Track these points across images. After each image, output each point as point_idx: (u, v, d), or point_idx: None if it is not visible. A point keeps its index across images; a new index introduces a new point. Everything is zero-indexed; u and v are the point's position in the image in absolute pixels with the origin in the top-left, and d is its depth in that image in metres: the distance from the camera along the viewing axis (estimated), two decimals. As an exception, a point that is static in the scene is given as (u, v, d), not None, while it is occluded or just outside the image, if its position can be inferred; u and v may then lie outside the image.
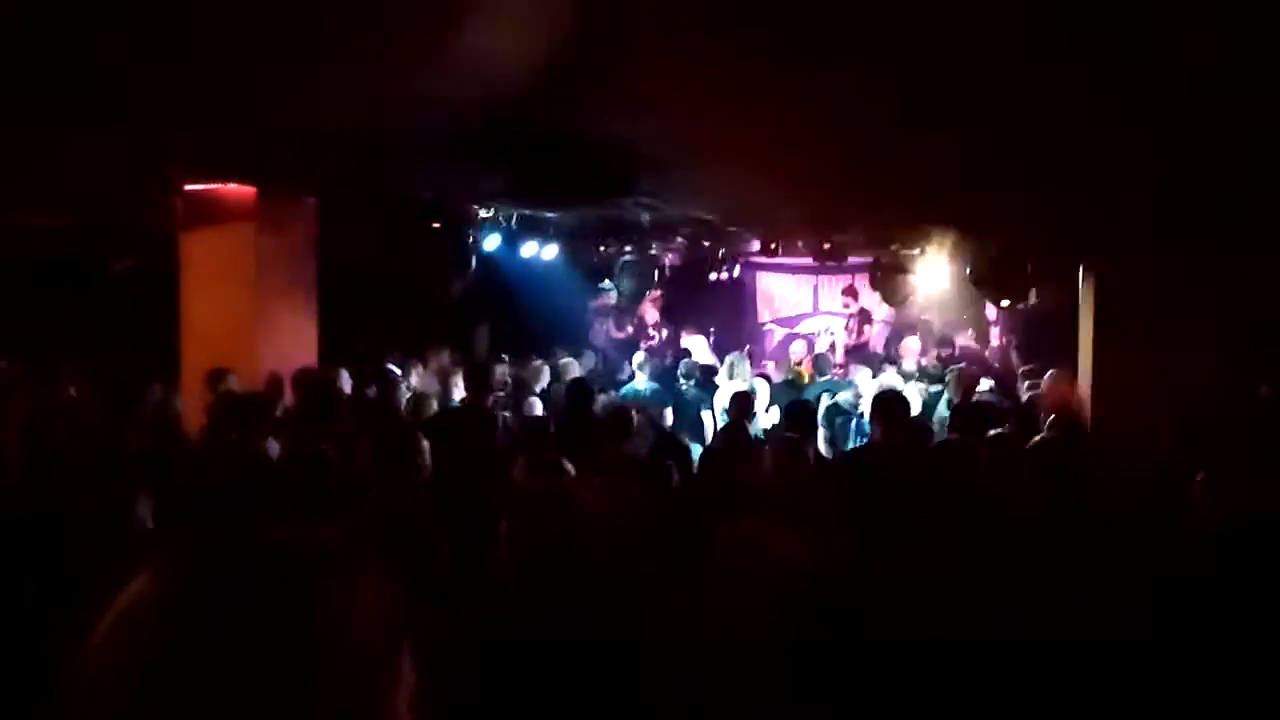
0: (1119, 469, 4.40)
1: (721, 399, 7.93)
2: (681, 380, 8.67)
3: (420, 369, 8.35)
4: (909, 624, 2.55)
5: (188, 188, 7.16)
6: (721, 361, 9.31)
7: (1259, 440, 5.29)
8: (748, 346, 11.25)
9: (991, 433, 4.97)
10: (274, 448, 5.16)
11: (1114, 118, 4.78)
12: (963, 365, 8.93)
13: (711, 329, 12.24)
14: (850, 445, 7.00)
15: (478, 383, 6.11)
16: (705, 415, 8.02)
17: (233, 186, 7.10)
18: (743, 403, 6.43)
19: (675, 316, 12.65)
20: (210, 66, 4.15)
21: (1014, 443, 4.95)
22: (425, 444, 4.01)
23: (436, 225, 7.86)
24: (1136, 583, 2.74)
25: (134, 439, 5.61)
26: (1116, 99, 4.45)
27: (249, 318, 7.15)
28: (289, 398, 6.64)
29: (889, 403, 5.20)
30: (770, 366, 10.40)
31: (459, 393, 7.38)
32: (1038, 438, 5.29)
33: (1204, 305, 6.14)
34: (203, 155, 6.27)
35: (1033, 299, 9.53)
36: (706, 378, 8.78)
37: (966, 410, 6.05)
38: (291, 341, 7.35)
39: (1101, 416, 6.01)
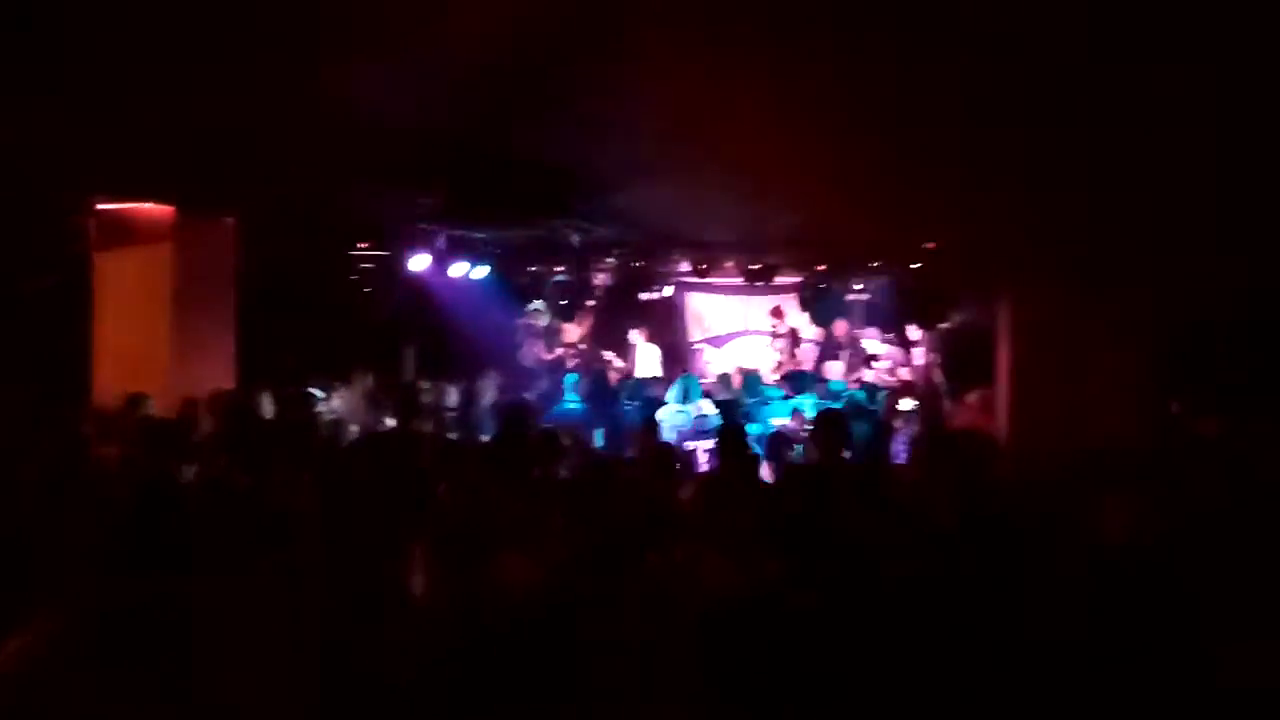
0: (1032, 489, 4.50)
1: (667, 418, 7.92)
2: (625, 400, 8.63)
3: (344, 392, 8.19)
4: (834, 650, 2.56)
5: (101, 207, 6.94)
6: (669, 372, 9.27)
7: (1171, 456, 5.47)
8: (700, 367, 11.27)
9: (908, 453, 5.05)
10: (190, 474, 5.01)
11: (1034, 147, 4.93)
12: (890, 386, 9.08)
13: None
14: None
15: (405, 406, 6.01)
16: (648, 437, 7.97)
17: (149, 206, 6.91)
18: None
19: (606, 337, 12.64)
20: (124, 81, 4.03)
21: (929, 462, 5.03)
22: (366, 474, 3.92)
23: (363, 245, 7.77)
24: (1046, 603, 2.79)
25: (40, 465, 5.39)
26: (1036, 129, 4.59)
27: (165, 340, 6.95)
28: (207, 423, 6.44)
29: (830, 423, 5.24)
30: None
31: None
32: (951, 459, 5.39)
33: (1117, 325, 6.34)
34: (117, 174, 6.09)
35: (956, 319, 9.78)
36: (649, 398, 8.76)
37: (882, 431, 6.15)
38: (209, 365, 7.16)
39: (1017, 436, 6.15)
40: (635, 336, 11.87)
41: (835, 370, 10.86)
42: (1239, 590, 2.87)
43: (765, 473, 6.88)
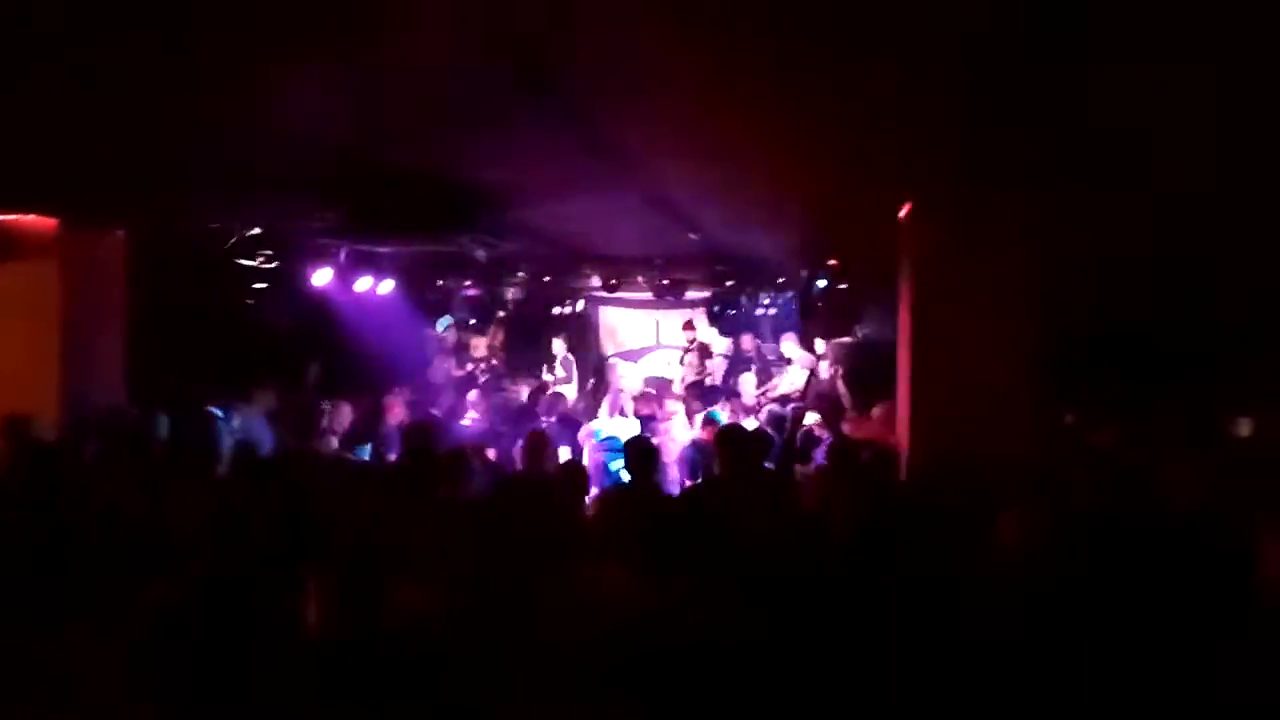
0: (930, 500, 4.62)
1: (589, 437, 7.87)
2: (542, 418, 8.52)
3: (245, 410, 7.92)
4: (740, 664, 2.58)
5: (-19, 218, 6.63)
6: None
7: (1066, 467, 5.68)
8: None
9: (810, 468, 5.15)
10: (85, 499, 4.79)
11: (932, 153, 5.06)
12: (795, 402, 9.23)
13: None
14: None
15: (302, 426, 5.86)
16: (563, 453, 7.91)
17: (32, 218, 6.61)
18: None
19: (518, 352, 12.56)
20: (3, 87, 3.86)
21: (830, 477, 5.15)
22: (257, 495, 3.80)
23: (262, 258, 7.56)
24: (944, 611, 2.87)
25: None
26: (935, 136, 4.71)
27: (51, 358, 6.64)
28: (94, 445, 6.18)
29: (730, 437, 5.31)
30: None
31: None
32: (851, 471, 5.52)
33: (1013, 338, 6.54)
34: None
35: (860, 333, 10.01)
36: (565, 416, 8.70)
37: (791, 446, 6.25)
38: (99, 384, 6.87)
39: (916, 448, 6.30)
40: (559, 347, 11.83)
41: (748, 383, 10.98)
42: (1125, 601, 2.99)
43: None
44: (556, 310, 12.19)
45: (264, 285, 7.46)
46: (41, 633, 2.66)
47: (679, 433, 7.93)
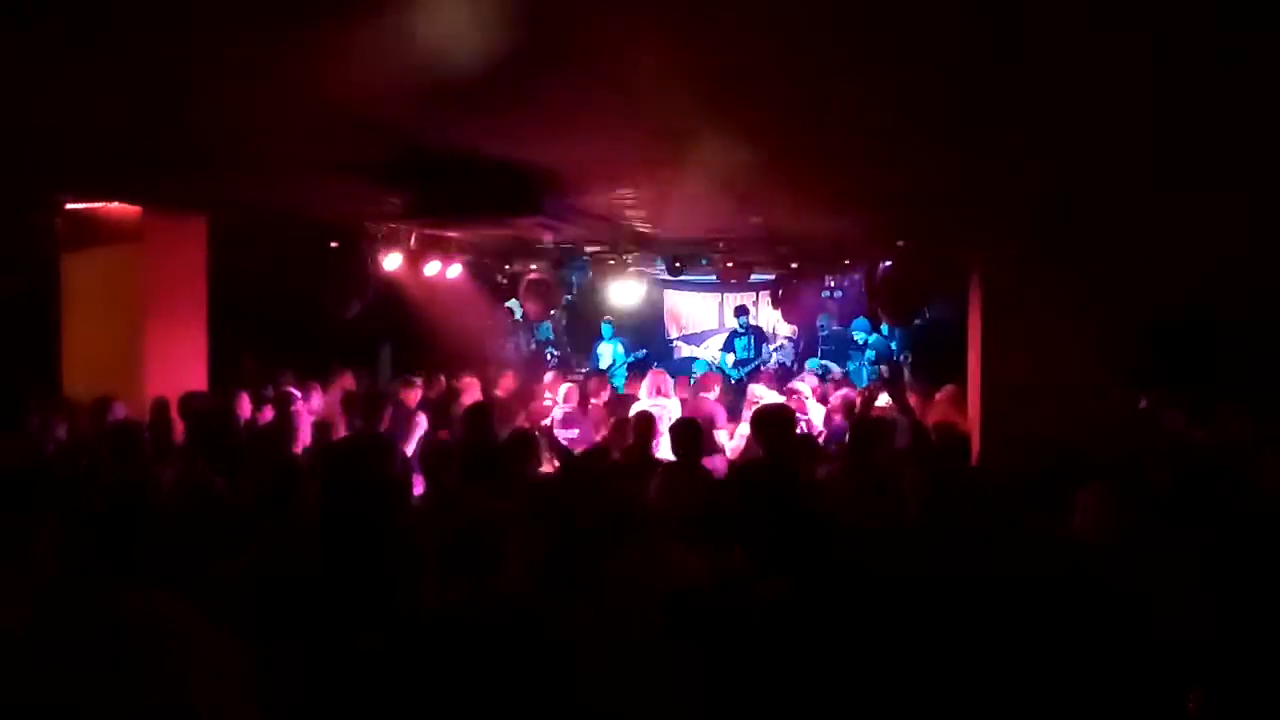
0: (1004, 483, 4.54)
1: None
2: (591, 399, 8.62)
3: (321, 392, 8.13)
4: (802, 640, 2.57)
5: (69, 207, 6.86)
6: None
7: (1141, 450, 5.53)
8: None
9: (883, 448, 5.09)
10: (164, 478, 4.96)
11: (1005, 146, 4.98)
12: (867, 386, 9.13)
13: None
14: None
15: (371, 409, 5.98)
16: None
17: (117, 205, 6.83)
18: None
19: (579, 334, 12.67)
20: (92, 79, 3.99)
21: (906, 458, 5.08)
22: (314, 477, 3.89)
23: (334, 244, 7.72)
24: (1013, 596, 2.82)
25: (9, 471, 5.32)
26: (1008, 129, 4.63)
27: (134, 342, 6.88)
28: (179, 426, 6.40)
29: (768, 417, 5.26)
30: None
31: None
32: (925, 453, 5.44)
33: (1090, 320, 6.41)
34: (84, 173, 6.02)
35: (928, 316, 9.85)
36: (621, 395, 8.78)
37: (863, 425, 6.17)
38: (180, 366, 7.09)
39: (987, 431, 6.21)
40: (605, 328, 11.93)
41: (811, 369, 10.93)
42: (1200, 586, 2.92)
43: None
44: (618, 293, 12.25)
45: (337, 270, 7.60)
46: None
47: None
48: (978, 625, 2.77)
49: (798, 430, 6.03)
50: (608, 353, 11.96)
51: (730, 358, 11.93)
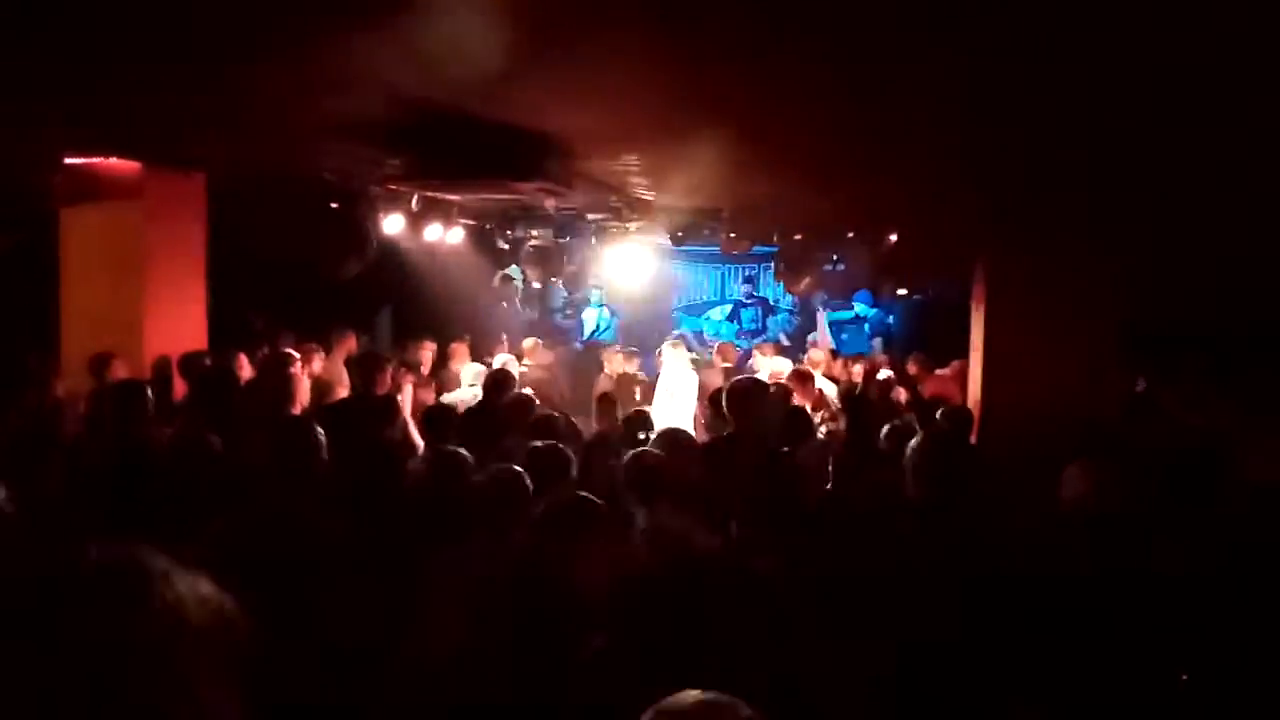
0: (1007, 460, 4.56)
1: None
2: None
3: (322, 355, 8.10)
4: (792, 615, 2.58)
5: (68, 162, 6.81)
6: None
7: (1133, 433, 5.55)
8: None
9: (887, 426, 5.09)
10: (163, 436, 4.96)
11: (1008, 115, 4.94)
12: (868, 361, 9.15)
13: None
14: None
15: (368, 369, 5.96)
16: None
17: (115, 161, 6.78)
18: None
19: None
20: (90, 32, 3.94)
21: (908, 433, 5.07)
22: (321, 436, 3.89)
23: (334, 205, 7.66)
24: (1016, 576, 2.84)
25: (11, 428, 5.32)
26: (1014, 107, 4.60)
27: (134, 300, 6.84)
28: (179, 384, 6.40)
29: (740, 391, 5.18)
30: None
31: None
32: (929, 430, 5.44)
33: (1091, 301, 6.40)
34: (83, 128, 5.96)
35: (931, 291, 9.83)
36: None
37: (863, 401, 6.19)
38: (180, 325, 7.07)
39: (989, 407, 6.21)
40: (593, 294, 11.93)
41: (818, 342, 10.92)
42: (1189, 557, 2.93)
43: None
44: (620, 261, 12.19)
45: (337, 231, 7.55)
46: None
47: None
48: (969, 599, 2.79)
49: (788, 404, 6.01)
50: (592, 318, 12.02)
51: (735, 327, 11.97)
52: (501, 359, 8.82)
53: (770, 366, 8.23)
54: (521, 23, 3.55)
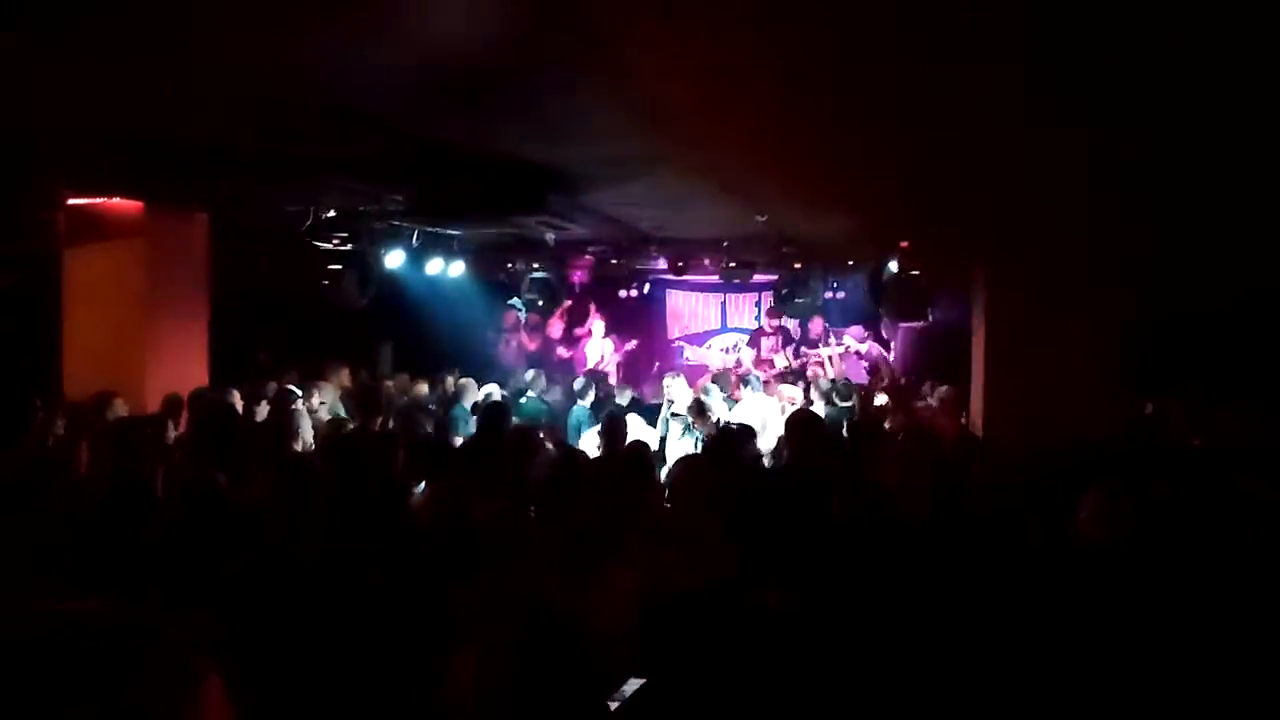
0: (1007, 484, 4.54)
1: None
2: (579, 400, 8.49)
3: (321, 389, 8.09)
4: (791, 648, 2.55)
5: (70, 202, 6.85)
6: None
7: (1143, 456, 5.52)
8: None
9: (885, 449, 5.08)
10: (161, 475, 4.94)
11: (1008, 147, 4.97)
12: (865, 384, 9.12)
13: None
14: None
15: (368, 405, 5.96)
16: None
17: (119, 201, 6.82)
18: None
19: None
20: (94, 75, 3.98)
21: (907, 459, 5.06)
22: (320, 474, 3.88)
23: (336, 241, 7.70)
24: (1018, 598, 2.82)
25: (12, 467, 5.31)
26: (1011, 130, 4.62)
27: (136, 338, 6.87)
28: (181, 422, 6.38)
29: (802, 423, 5.21)
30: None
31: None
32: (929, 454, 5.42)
33: (1096, 324, 6.40)
34: (86, 168, 6.01)
35: (930, 316, 9.83)
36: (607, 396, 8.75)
37: (863, 427, 6.17)
38: (182, 362, 7.09)
39: (989, 433, 6.19)
40: (596, 326, 11.93)
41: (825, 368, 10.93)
42: (1208, 587, 2.91)
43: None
44: (623, 294, 12.23)
45: (339, 267, 7.58)
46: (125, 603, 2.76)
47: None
48: (979, 624, 2.76)
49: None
50: (596, 350, 12.11)
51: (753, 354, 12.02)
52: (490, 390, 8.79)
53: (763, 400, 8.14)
54: (518, 57, 3.58)
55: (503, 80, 4.04)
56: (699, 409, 6.99)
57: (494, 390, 8.53)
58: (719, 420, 7.31)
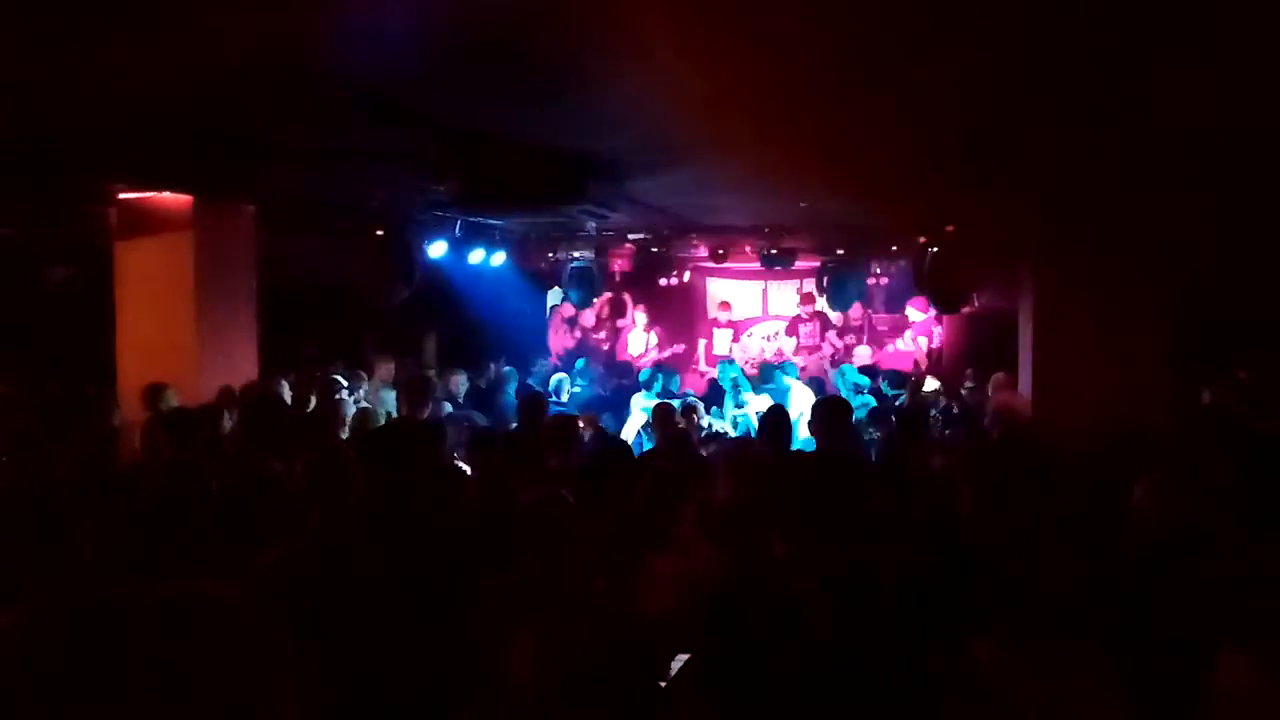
0: (1060, 471, 4.46)
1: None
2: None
3: (368, 380, 8.20)
4: (834, 633, 2.53)
5: (121, 196, 6.98)
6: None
7: (1200, 445, 5.40)
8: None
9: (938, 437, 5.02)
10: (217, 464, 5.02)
11: (1058, 130, 4.88)
12: (914, 372, 9.03)
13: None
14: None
15: (414, 395, 6.00)
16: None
17: (168, 195, 6.93)
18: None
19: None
20: (145, 69, 4.04)
21: (960, 446, 5.01)
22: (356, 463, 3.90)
23: (380, 232, 7.77)
24: (1076, 584, 2.77)
25: (68, 459, 5.43)
26: (1061, 113, 4.54)
27: (187, 330, 6.98)
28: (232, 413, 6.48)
29: (828, 409, 5.21)
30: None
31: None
32: (982, 443, 5.36)
33: (1147, 309, 6.26)
34: (137, 162, 6.10)
35: (977, 301, 9.71)
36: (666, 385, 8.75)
37: (912, 414, 6.09)
38: (232, 354, 7.19)
39: (1044, 420, 6.09)
40: (638, 317, 11.97)
41: (862, 354, 10.83)
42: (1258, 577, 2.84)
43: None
44: (664, 282, 12.21)
45: (382, 258, 7.66)
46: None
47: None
48: (1025, 609, 2.72)
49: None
50: (639, 341, 12.20)
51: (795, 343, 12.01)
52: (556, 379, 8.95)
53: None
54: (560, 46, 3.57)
55: (544, 66, 4.03)
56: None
57: (563, 379, 8.67)
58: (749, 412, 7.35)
